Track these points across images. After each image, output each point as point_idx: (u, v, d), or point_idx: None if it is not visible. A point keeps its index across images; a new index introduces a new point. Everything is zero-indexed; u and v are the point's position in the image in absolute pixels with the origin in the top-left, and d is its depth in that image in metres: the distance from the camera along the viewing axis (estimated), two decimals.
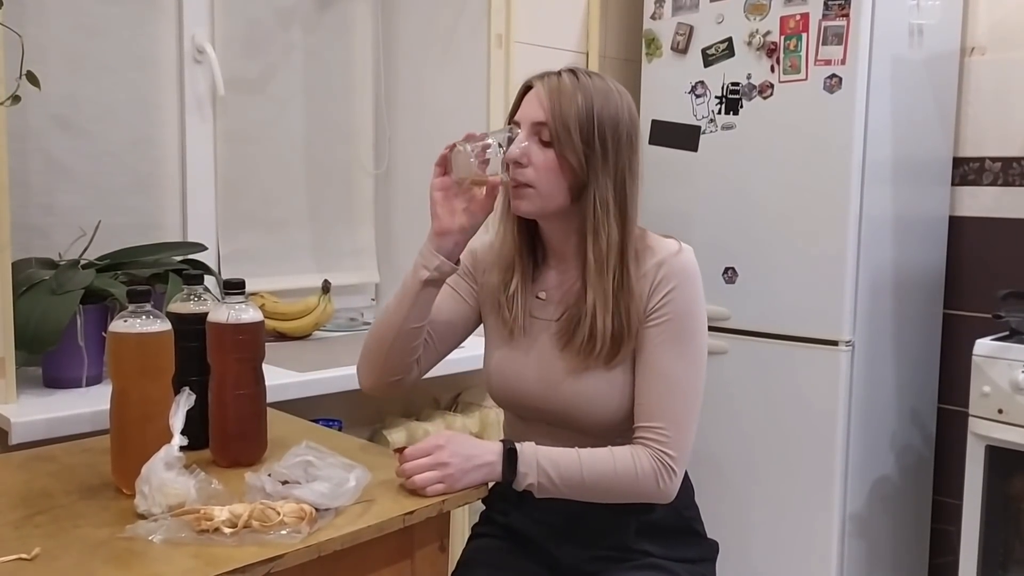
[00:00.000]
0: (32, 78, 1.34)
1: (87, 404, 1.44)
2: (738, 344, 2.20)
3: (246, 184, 2.13)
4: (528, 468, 1.19)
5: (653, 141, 2.32)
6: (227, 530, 0.97)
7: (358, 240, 2.38)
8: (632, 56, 2.48)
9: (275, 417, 1.39)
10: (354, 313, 2.34)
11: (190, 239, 1.99)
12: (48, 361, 1.57)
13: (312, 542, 0.98)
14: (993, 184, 2.35)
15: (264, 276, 2.15)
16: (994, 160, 2.35)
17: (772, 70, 2.11)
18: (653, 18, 2.34)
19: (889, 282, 2.16)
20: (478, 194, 1.25)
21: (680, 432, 1.22)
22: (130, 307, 1.12)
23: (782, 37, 2.08)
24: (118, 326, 1.11)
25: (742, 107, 2.17)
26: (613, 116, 1.23)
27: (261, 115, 2.15)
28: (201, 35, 1.99)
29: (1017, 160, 2.31)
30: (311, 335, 2.14)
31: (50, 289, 1.49)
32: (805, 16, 2.04)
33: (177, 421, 1.07)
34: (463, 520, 1.92)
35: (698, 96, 2.25)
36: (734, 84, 2.18)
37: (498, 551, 1.37)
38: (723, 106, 2.20)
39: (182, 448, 1.06)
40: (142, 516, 1.03)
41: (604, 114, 1.22)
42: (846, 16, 1.98)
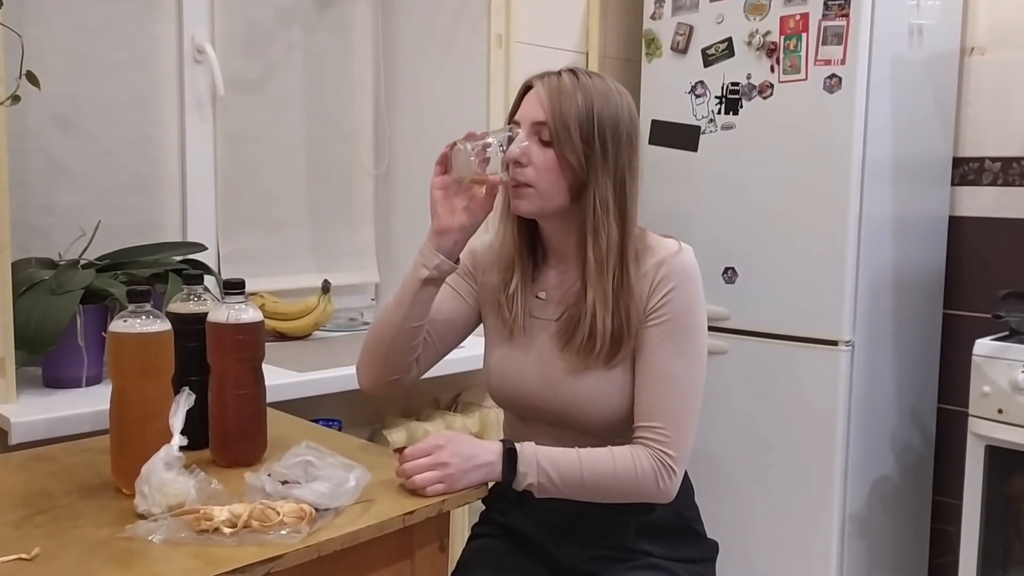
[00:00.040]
0: (32, 78, 1.34)
1: (87, 404, 1.44)
2: (738, 344, 2.20)
3: (246, 184, 2.13)
4: (528, 468, 1.19)
5: (653, 141, 2.32)
6: (227, 530, 0.97)
7: (358, 240, 2.38)
8: (632, 56, 2.48)
9: (275, 417, 1.39)
10: (354, 313, 2.34)
11: (190, 239, 1.99)
12: (48, 361, 1.57)
13: (312, 542, 0.98)
14: (993, 184, 2.35)
15: (264, 276, 2.15)
16: (994, 160, 2.35)
17: (772, 70, 2.11)
18: (653, 18, 2.34)
19: (889, 282, 2.16)
20: (478, 193, 1.25)
21: (680, 432, 1.22)
22: (130, 307, 1.12)
23: (782, 37, 2.08)
24: (118, 326, 1.11)
25: (742, 107, 2.17)
26: (613, 116, 1.23)
27: (261, 115, 2.15)
28: (201, 35, 1.99)
29: (1017, 160, 2.31)
30: (311, 335, 2.13)
31: (50, 289, 1.49)
32: (805, 16, 2.04)
33: (177, 421, 1.07)
34: (463, 520, 1.92)
35: (698, 96, 2.25)
36: (734, 84, 2.18)
37: (498, 551, 1.37)
38: (723, 106, 2.20)
39: (182, 448, 1.06)
40: (142, 516, 1.03)
41: (604, 114, 1.22)
42: (846, 16, 1.98)
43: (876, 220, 2.07)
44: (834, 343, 2.05)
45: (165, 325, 1.13)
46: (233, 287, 1.23)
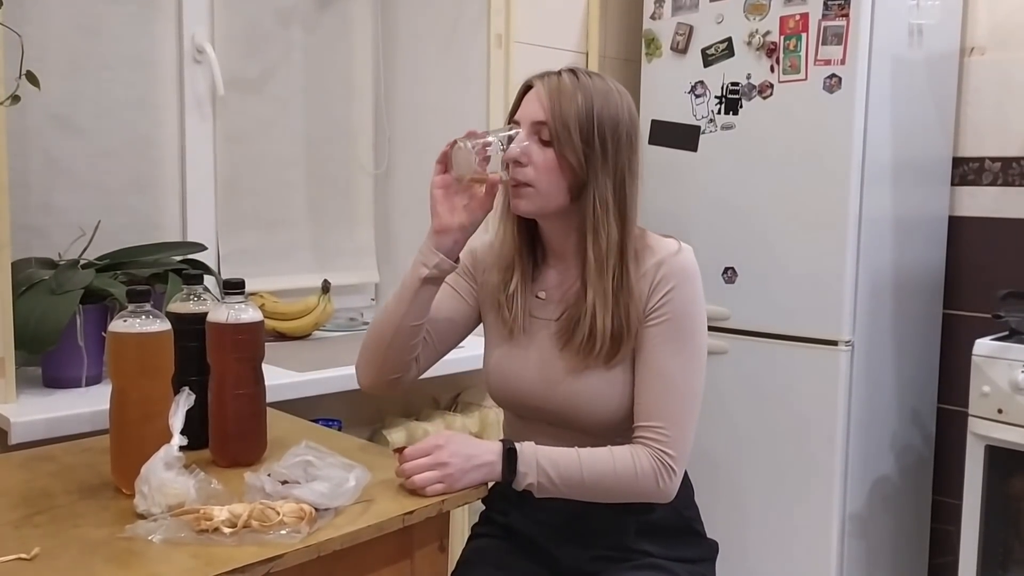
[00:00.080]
0: (32, 78, 1.34)
1: (87, 404, 1.44)
2: (738, 344, 2.20)
3: (246, 184, 2.12)
4: (528, 468, 1.19)
5: (653, 141, 2.32)
6: (227, 530, 0.97)
7: (358, 240, 2.38)
8: (632, 56, 2.48)
9: (275, 417, 1.39)
10: (354, 313, 2.34)
11: (190, 239, 1.99)
12: (48, 361, 1.56)
13: (312, 542, 0.98)
14: (993, 184, 2.35)
15: (264, 276, 2.14)
16: (994, 160, 2.35)
17: (772, 70, 2.11)
18: (653, 18, 2.34)
19: (889, 282, 2.16)
20: (478, 192, 1.25)
21: (679, 431, 1.22)
22: (130, 307, 1.12)
23: (782, 37, 2.08)
24: (118, 326, 1.11)
25: (742, 107, 2.17)
26: (613, 116, 1.23)
27: (261, 115, 2.15)
28: (201, 35, 1.99)
29: (1017, 160, 2.31)
30: (311, 335, 2.13)
31: (50, 289, 1.49)
32: (805, 16, 2.04)
33: (177, 421, 1.07)
34: (463, 520, 1.92)
35: (698, 96, 2.25)
36: (734, 84, 2.18)
37: (498, 551, 1.37)
38: (723, 106, 2.20)
39: (181, 448, 1.06)
40: (142, 516, 1.03)
41: (604, 114, 1.22)
42: (846, 16, 1.98)
43: (876, 220, 2.07)
44: (834, 343, 2.05)
45: (165, 325, 1.13)
46: (233, 287, 1.23)
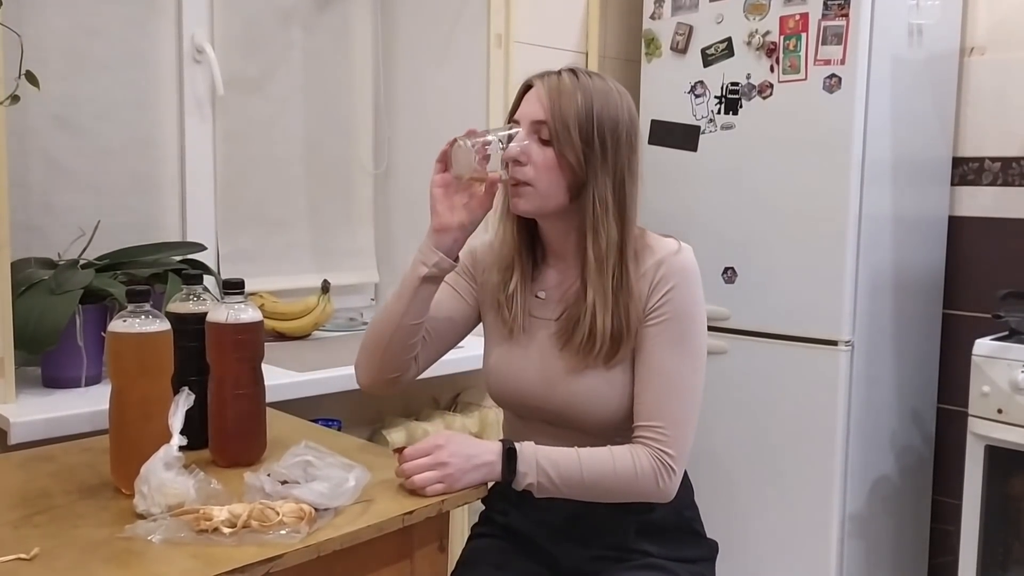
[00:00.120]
0: (32, 78, 1.34)
1: (86, 404, 1.44)
2: (738, 344, 2.20)
3: (246, 184, 2.12)
4: (528, 468, 1.19)
5: (653, 141, 2.32)
6: (226, 530, 0.97)
7: (357, 240, 2.38)
8: (632, 56, 2.48)
9: (274, 417, 1.39)
10: (353, 313, 2.34)
11: (189, 239, 1.99)
12: (47, 361, 1.56)
13: (311, 542, 0.98)
14: (992, 184, 2.35)
15: (263, 276, 2.14)
16: (993, 160, 2.35)
17: (772, 70, 2.11)
18: (653, 18, 2.34)
19: (889, 282, 2.16)
20: (478, 191, 1.25)
21: (679, 431, 1.22)
22: (129, 307, 1.12)
23: (781, 37, 2.08)
24: (117, 326, 1.11)
25: (741, 107, 2.17)
26: (613, 116, 1.23)
27: (261, 115, 2.15)
28: (200, 35, 1.99)
29: (1016, 160, 2.31)
30: (310, 335, 2.13)
31: (49, 289, 1.49)
32: (805, 16, 2.04)
33: (176, 421, 1.07)
34: (463, 520, 1.92)
35: (697, 96, 2.25)
36: (733, 84, 2.18)
37: (498, 551, 1.37)
38: (722, 106, 2.20)
39: (181, 448, 1.06)
40: (141, 516, 1.03)
41: (604, 114, 1.22)
42: (846, 16, 1.98)
43: (876, 220, 2.07)
44: (834, 343, 2.05)
45: (164, 325, 1.13)
46: (232, 287, 1.23)
